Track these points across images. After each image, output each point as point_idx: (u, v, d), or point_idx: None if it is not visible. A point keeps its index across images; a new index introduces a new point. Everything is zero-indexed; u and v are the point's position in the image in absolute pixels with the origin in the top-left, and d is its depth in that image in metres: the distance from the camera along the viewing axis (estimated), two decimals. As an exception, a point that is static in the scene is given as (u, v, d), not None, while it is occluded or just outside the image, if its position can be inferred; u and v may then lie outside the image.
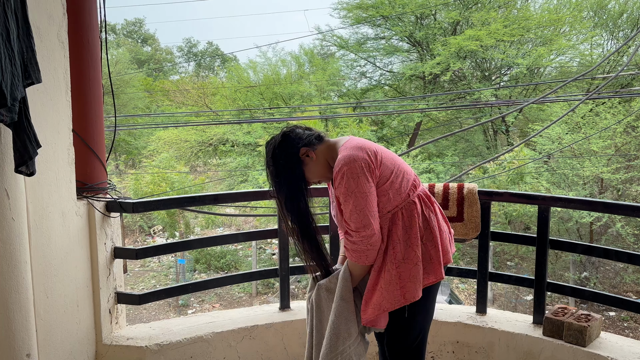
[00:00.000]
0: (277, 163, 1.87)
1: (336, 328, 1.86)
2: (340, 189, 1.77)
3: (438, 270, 1.85)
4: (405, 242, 1.81)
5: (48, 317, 2.11)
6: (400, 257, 1.81)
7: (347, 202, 1.77)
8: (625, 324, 10.88)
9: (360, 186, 1.75)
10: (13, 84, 1.56)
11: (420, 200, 1.87)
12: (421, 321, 1.91)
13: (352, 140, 1.85)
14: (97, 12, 2.41)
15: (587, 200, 2.71)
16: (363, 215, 1.74)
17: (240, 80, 16.96)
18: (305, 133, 1.90)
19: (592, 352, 2.30)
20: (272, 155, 1.88)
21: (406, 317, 1.87)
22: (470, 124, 14.92)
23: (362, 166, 1.76)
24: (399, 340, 1.91)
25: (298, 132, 1.90)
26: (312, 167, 1.88)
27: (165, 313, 12.12)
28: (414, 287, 1.81)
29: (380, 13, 14.82)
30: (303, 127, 1.93)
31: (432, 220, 1.86)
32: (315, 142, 1.89)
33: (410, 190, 1.85)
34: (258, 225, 14.15)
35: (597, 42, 14.73)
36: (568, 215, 11.79)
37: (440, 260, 1.86)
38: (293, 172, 1.87)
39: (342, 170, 1.76)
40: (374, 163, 1.78)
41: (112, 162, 21.37)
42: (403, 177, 1.85)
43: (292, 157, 1.86)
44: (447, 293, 9.40)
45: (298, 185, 1.88)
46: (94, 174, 2.44)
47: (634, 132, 11.94)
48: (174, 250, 3.02)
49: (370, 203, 1.76)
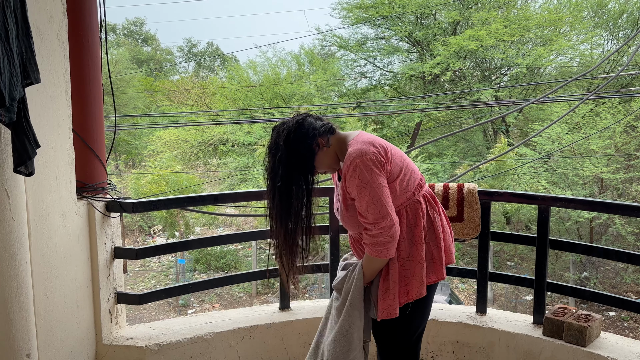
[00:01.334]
0: (289, 148, 1.81)
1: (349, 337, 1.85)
2: (354, 181, 1.75)
3: (439, 270, 1.88)
4: (410, 240, 1.83)
5: (48, 317, 2.11)
6: (405, 255, 1.83)
7: (362, 194, 1.74)
8: (625, 324, 10.87)
9: (375, 178, 1.73)
10: (12, 84, 1.56)
11: (425, 200, 1.89)
12: (419, 319, 1.92)
13: (362, 135, 1.85)
14: (97, 12, 2.41)
15: (587, 200, 2.72)
16: (381, 206, 1.73)
17: (240, 80, 16.96)
18: (318, 123, 1.87)
19: (592, 352, 2.30)
20: (285, 140, 1.82)
21: (407, 314, 1.87)
22: (470, 124, 14.92)
23: (374, 160, 1.75)
24: (396, 337, 1.92)
25: (311, 121, 1.86)
26: (322, 157, 1.87)
27: (165, 313, 12.12)
28: (417, 285, 1.83)
29: (380, 13, 14.81)
30: (314, 115, 1.91)
31: (436, 221, 1.89)
32: (328, 133, 1.88)
33: (416, 190, 1.87)
34: (258, 225, 14.15)
35: (597, 42, 14.74)
36: (568, 215, 11.79)
37: (442, 260, 1.89)
38: (305, 160, 1.83)
39: (355, 162, 1.74)
40: (385, 158, 1.78)
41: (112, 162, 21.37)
42: (410, 175, 1.86)
43: (306, 146, 1.82)
44: (447, 293, 9.40)
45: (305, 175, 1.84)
46: (94, 174, 2.44)
47: (634, 132, 11.94)
48: (174, 250, 3.01)
49: (386, 194, 1.75)
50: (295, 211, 1.84)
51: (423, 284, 1.84)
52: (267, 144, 1.89)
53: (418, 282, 1.83)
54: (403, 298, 1.83)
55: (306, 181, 1.84)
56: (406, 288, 1.83)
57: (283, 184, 1.81)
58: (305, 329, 2.67)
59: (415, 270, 1.82)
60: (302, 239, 1.89)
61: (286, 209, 1.83)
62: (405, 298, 1.84)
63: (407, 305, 1.86)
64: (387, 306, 1.83)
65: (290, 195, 1.82)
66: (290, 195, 1.82)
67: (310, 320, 2.68)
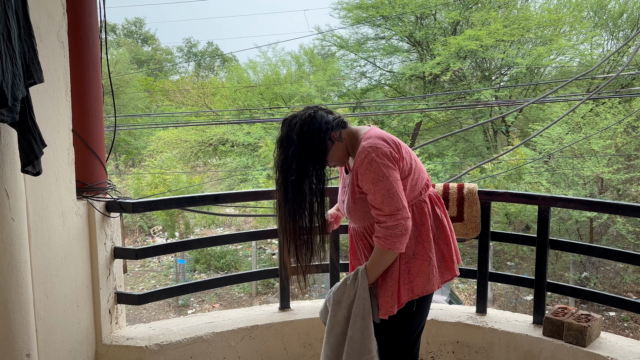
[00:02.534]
0: (303, 142, 1.78)
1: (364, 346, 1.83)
2: (369, 175, 1.74)
3: (451, 267, 1.93)
4: (416, 238, 1.84)
5: (48, 317, 2.11)
6: (411, 252, 1.84)
7: (377, 187, 1.73)
8: (625, 324, 10.87)
9: (390, 172, 1.74)
10: (14, 84, 1.56)
11: (432, 200, 1.91)
12: (419, 316, 1.94)
13: (374, 130, 1.85)
14: (97, 12, 2.41)
15: (587, 200, 2.71)
16: (397, 199, 1.73)
17: (240, 80, 16.96)
18: (330, 116, 1.86)
19: (592, 352, 2.30)
20: (299, 133, 1.79)
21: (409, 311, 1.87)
22: (470, 124, 14.92)
23: (389, 155, 1.75)
24: (397, 335, 1.93)
25: (323, 114, 1.85)
26: (334, 151, 1.86)
27: (165, 313, 12.12)
28: (423, 282, 1.84)
29: (380, 13, 14.81)
30: (325, 109, 1.89)
31: (443, 220, 1.92)
32: (341, 127, 1.87)
33: (422, 189, 1.89)
34: (258, 225, 14.15)
35: (597, 42, 14.73)
36: (568, 215, 11.79)
37: (453, 257, 1.93)
38: (318, 154, 1.81)
39: (370, 156, 1.74)
40: (398, 154, 1.79)
41: (112, 162, 21.38)
42: (419, 175, 1.88)
43: (320, 139, 1.81)
44: (447, 293, 9.39)
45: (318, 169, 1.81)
46: (94, 174, 2.43)
47: (634, 132, 11.93)
48: (174, 250, 3.01)
49: (401, 188, 1.75)
50: (309, 206, 1.82)
51: (429, 281, 1.85)
52: (278, 137, 1.85)
53: (423, 279, 1.84)
54: (407, 295, 1.84)
55: (319, 175, 1.82)
56: (410, 285, 1.84)
57: (297, 178, 1.78)
58: (305, 329, 2.67)
59: (421, 268, 1.84)
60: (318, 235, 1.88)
61: (299, 204, 1.80)
62: (409, 295, 1.84)
63: (412, 302, 1.86)
64: (384, 303, 1.84)
65: (303, 190, 1.79)
66: (303, 189, 1.79)
67: (310, 320, 2.67)
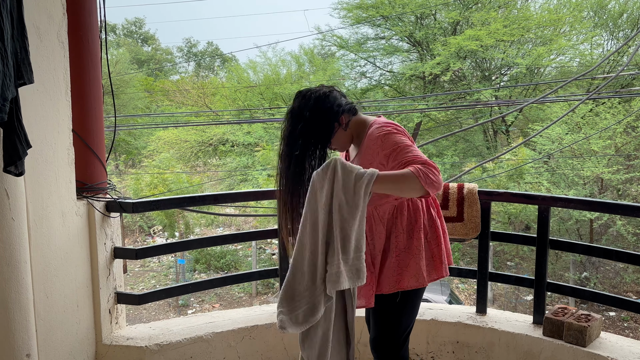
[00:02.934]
0: (314, 118, 1.80)
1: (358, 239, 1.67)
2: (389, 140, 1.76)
3: (439, 268, 1.92)
4: (408, 233, 1.86)
5: (48, 317, 2.11)
6: (402, 246, 1.86)
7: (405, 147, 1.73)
8: (625, 324, 10.88)
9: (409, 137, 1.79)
10: (4, 84, 1.56)
11: (427, 199, 1.93)
12: (408, 315, 1.95)
13: (383, 118, 1.89)
14: (97, 12, 2.41)
15: (587, 200, 2.71)
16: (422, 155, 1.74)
17: (240, 80, 16.96)
18: (343, 100, 1.87)
19: (592, 352, 2.30)
20: (311, 109, 1.80)
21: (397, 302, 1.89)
22: (470, 124, 14.91)
23: (403, 130, 1.81)
24: (387, 333, 1.94)
25: (337, 96, 1.86)
26: (339, 135, 1.88)
27: (165, 313, 12.12)
28: (410, 276, 1.86)
29: (380, 13, 14.80)
30: (340, 91, 1.90)
31: (437, 220, 1.93)
32: (351, 113, 1.90)
33: None
34: (258, 225, 14.15)
35: (597, 42, 14.73)
36: (568, 215, 11.79)
37: (443, 258, 1.92)
38: (325, 133, 1.83)
39: (387, 128, 1.79)
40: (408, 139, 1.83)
41: (112, 162, 21.37)
42: None
43: (329, 120, 1.83)
44: (447, 293, 9.38)
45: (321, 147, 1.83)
46: (94, 174, 2.44)
47: (634, 132, 11.93)
48: (174, 250, 3.01)
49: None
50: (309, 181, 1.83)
51: (418, 277, 1.86)
52: (289, 108, 1.87)
53: (411, 274, 1.86)
54: (392, 287, 1.86)
55: (322, 154, 1.85)
56: (397, 277, 1.86)
57: (300, 154, 1.80)
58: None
59: (409, 262, 1.85)
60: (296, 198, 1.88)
61: (299, 178, 1.82)
62: (395, 287, 1.86)
63: (396, 294, 1.88)
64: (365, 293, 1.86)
65: (304, 166, 1.82)
66: (304, 165, 1.82)
67: (310, 320, 2.67)
